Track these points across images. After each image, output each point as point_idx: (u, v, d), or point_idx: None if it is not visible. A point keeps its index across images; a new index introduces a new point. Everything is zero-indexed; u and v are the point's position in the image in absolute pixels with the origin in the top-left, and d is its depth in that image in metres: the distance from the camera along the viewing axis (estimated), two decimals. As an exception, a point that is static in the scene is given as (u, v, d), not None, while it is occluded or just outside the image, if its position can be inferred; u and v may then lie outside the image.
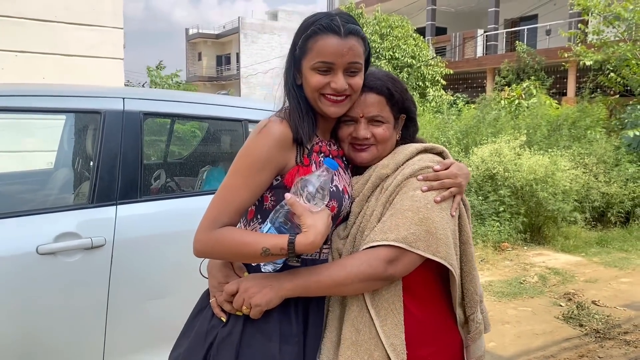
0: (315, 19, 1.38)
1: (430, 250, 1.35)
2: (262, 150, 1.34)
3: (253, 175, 1.34)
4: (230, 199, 1.35)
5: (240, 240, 1.30)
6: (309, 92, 1.39)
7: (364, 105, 1.45)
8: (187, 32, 44.03)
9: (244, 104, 2.84)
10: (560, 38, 18.50)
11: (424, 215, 1.36)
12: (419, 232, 1.34)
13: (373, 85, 1.46)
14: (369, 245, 1.35)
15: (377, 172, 1.47)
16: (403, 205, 1.37)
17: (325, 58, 1.34)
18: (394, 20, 17.33)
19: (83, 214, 2.28)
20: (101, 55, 4.83)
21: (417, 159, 1.46)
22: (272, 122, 1.37)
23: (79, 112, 2.53)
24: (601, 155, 8.11)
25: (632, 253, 6.76)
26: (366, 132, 1.46)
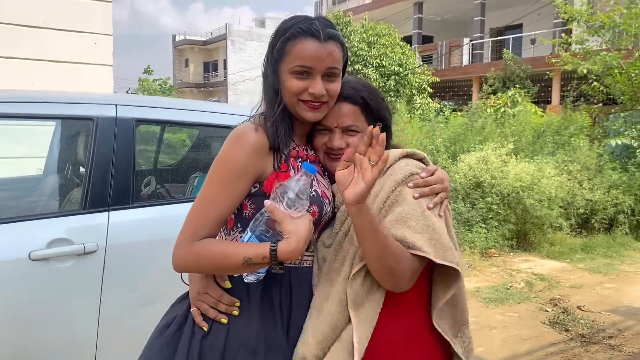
0: (294, 22, 1.36)
1: (438, 256, 1.33)
2: (238, 159, 1.31)
3: (230, 185, 1.31)
4: (209, 211, 1.31)
5: (221, 252, 1.27)
6: (286, 96, 1.36)
7: (338, 115, 1.44)
8: (174, 38, 43.93)
9: (236, 111, 2.86)
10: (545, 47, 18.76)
11: (424, 223, 1.35)
12: (423, 240, 1.33)
13: (348, 95, 1.45)
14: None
15: None
16: (406, 214, 1.36)
17: (304, 62, 1.32)
18: (382, 29, 17.47)
19: (75, 220, 2.28)
20: (90, 61, 4.83)
21: (404, 163, 1.44)
22: (247, 129, 1.34)
23: (72, 119, 2.53)
24: (585, 162, 8.24)
25: (616, 259, 6.88)
26: (340, 142, 1.45)
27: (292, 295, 1.39)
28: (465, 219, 7.07)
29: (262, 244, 1.25)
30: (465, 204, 7.20)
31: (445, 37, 23.92)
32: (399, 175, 1.41)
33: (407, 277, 1.32)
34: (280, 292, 1.38)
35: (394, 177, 1.41)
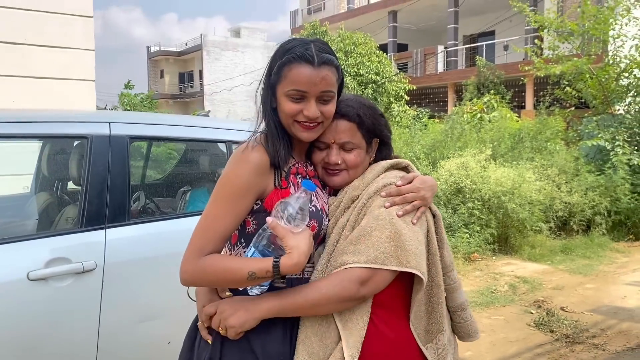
0: (291, 46, 1.41)
1: (400, 263, 1.38)
2: (242, 178, 1.37)
3: (235, 202, 1.37)
4: (214, 227, 1.37)
5: (227, 267, 1.33)
6: (282, 117, 1.43)
7: (335, 131, 1.50)
8: (149, 49, 43.64)
9: (228, 125, 2.89)
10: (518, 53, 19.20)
11: (391, 231, 1.40)
12: (389, 249, 1.38)
13: (344, 112, 1.50)
14: (343, 268, 1.38)
15: (349, 194, 1.51)
16: (370, 226, 1.41)
17: (299, 86, 1.38)
18: (358, 38, 17.65)
19: (73, 238, 2.28)
20: (72, 77, 4.80)
21: (381, 177, 1.51)
22: (249, 148, 1.40)
23: (66, 138, 2.54)
24: (562, 166, 8.44)
25: (595, 260, 7.05)
26: (337, 157, 1.51)
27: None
28: (447, 225, 7.18)
29: (265, 258, 1.31)
30: (447, 209, 7.31)
31: (420, 45, 24.25)
32: (372, 187, 1.48)
33: (356, 292, 1.38)
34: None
35: (368, 190, 1.48)
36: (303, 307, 1.38)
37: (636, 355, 4.00)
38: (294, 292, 1.38)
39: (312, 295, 1.37)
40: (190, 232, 2.62)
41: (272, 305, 1.36)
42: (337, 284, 1.36)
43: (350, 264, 1.37)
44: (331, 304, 1.37)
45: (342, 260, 1.39)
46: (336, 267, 1.40)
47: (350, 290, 1.36)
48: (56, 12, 4.65)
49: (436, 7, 22.47)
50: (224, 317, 1.37)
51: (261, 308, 1.36)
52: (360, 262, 1.37)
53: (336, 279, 1.37)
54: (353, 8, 27.29)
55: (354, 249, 1.39)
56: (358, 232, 1.41)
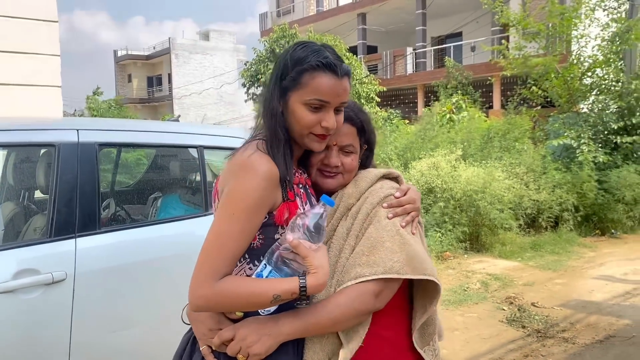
0: (309, 51, 1.36)
1: (416, 271, 1.40)
2: (255, 192, 1.27)
3: (250, 219, 1.28)
4: (229, 247, 1.27)
5: (249, 292, 1.25)
6: (296, 125, 1.36)
7: (338, 134, 1.48)
8: (116, 53, 42.90)
9: (199, 130, 2.87)
10: (485, 54, 19.51)
11: (400, 241, 1.41)
12: (402, 258, 1.39)
13: (348, 117, 1.50)
14: (359, 281, 1.37)
15: (345, 202, 1.50)
16: (380, 237, 1.42)
17: (323, 97, 1.33)
18: (328, 40, 17.70)
19: (41, 248, 2.23)
20: (38, 83, 4.70)
21: (379, 186, 1.52)
22: (258, 159, 1.29)
23: (33, 146, 2.48)
24: (530, 164, 8.62)
25: (563, 255, 7.22)
26: (337, 160, 1.50)
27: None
28: (419, 224, 7.24)
29: (289, 279, 1.26)
30: (420, 209, 7.38)
31: (389, 46, 24.46)
32: (375, 198, 1.48)
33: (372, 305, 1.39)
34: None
35: (370, 200, 1.48)
36: (325, 326, 1.35)
37: (604, 347, 4.11)
38: (315, 311, 1.34)
39: (333, 313, 1.34)
40: (163, 239, 2.61)
41: (296, 327, 1.32)
42: (355, 299, 1.35)
43: (367, 276, 1.36)
44: (351, 319, 1.37)
45: (356, 273, 1.38)
46: (350, 279, 1.38)
47: (367, 303, 1.37)
48: (20, 17, 4.54)
49: (404, 9, 22.70)
50: (247, 344, 1.29)
51: (285, 332, 1.31)
52: (378, 273, 1.36)
53: (353, 293, 1.36)
54: (322, 11, 27.36)
55: (368, 261, 1.38)
56: (369, 243, 1.41)
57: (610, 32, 10.05)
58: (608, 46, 9.94)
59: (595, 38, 10.29)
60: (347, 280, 1.38)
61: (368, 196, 1.50)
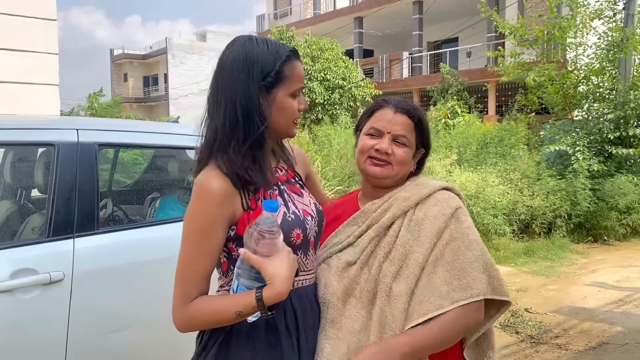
0: (271, 43, 1.37)
1: (497, 292, 1.41)
2: (204, 213, 1.29)
3: (205, 241, 1.30)
4: (192, 271, 1.30)
5: (214, 310, 1.27)
6: (283, 118, 1.37)
7: (394, 122, 1.49)
8: (112, 52, 42.81)
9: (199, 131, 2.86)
10: (480, 59, 19.64)
11: (484, 261, 1.42)
12: (486, 280, 1.40)
13: (407, 109, 1.52)
14: (457, 306, 1.37)
15: (399, 205, 1.48)
16: (467, 258, 1.41)
17: (302, 83, 1.39)
18: (324, 43, 17.71)
19: (39, 248, 2.22)
20: (35, 81, 4.69)
21: (446, 196, 1.50)
22: (208, 179, 1.30)
23: (33, 145, 2.47)
24: (524, 170, 8.67)
25: (556, 261, 7.26)
26: (388, 147, 1.48)
27: (297, 317, 1.40)
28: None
29: (249, 293, 1.24)
30: (414, 213, 7.40)
31: (386, 51, 24.53)
32: (447, 209, 1.47)
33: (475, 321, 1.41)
34: (285, 317, 1.37)
35: (441, 209, 1.46)
36: (434, 347, 1.37)
37: (597, 354, 4.14)
38: (423, 335, 1.35)
39: (439, 335, 1.36)
40: (162, 240, 2.60)
41: (406, 351, 1.33)
42: (458, 319, 1.37)
43: (463, 300, 1.37)
44: (458, 336, 1.40)
45: (452, 297, 1.37)
46: (449, 303, 1.37)
47: (470, 319, 1.39)
48: (18, 14, 4.53)
49: (401, 14, 22.78)
50: None
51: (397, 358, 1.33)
52: (473, 296, 1.37)
53: (455, 314, 1.37)
54: (319, 14, 27.42)
55: (460, 284, 1.39)
56: (460, 265, 1.40)
57: (606, 40, 10.13)
58: (604, 54, 10.01)
59: (592, 46, 10.37)
60: (447, 305, 1.37)
61: (435, 203, 1.47)
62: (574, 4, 10.14)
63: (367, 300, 1.42)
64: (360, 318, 1.41)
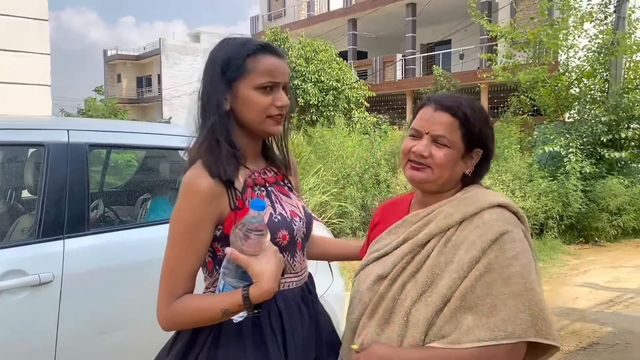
0: (243, 40, 1.37)
1: (540, 335, 1.23)
2: (191, 212, 1.30)
3: (191, 239, 1.30)
4: (178, 269, 1.31)
5: (199, 308, 1.28)
6: (251, 114, 1.35)
7: (432, 122, 1.34)
8: (106, 53, 42.67)
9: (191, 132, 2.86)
10: (473, 61, 19.72)
11: (527, 299, 1.23)
12: (527, 319, 1.22)
13: (448, 105, 1.35)
14: (477, 346, 1.21)
15: (439, 222, 1.33)
16: (502, 293, 1.23)
17: (273, 77, 1.34)
18: (318, 45, 17.73)
19: (29, 249, 2.21)
20: (27, 82, 4.67)
21: (494, 217, 1.30)
22: (194, 177, 1.31)
23: (23, 146, 2.46)
24: (516, 172, 8.71)
25: (548, 262, 7.29)
26: (425, 149, 1.34)
27: (282, 318, 1.39)
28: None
29: (235, 292, 1.24)
30: (407, 215, 7.42)
31: (379, 52, 24.57)
32: (489, 233, 1.27)
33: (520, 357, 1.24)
34: (270, 319, 1.37)
35: (482, 234, 1.28)
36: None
37: (588, 354, 4.16)
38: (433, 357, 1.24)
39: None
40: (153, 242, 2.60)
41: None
42: (480, 357, 1.21)
43: (486, 340, 1.20)
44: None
45: (475, 336, 1.21)
46: (469, 341, 1.21)
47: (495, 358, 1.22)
48: (10, 14, 4.51)
49: (395, 16, 22.84)
50: None
51: None
52: (498, 338, 1.20)
53: (477, 352, 1.21)
54: (313, 15, 27.45)
55: (488, 323, 1.21)
56: (490, 301, 1.22)
57: (597, 43, 10.19)
58: (595, 57, 10.07)
59: (583, 49, 10.43)
60: (465, 341, 1.22)
61: (479, 225, 1.29)
62: (565, 7, 10.20)
63: (384, 318, 1.33)
64: (377, 336, 1.33)
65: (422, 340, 1.26)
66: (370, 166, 8.69)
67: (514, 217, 1.32)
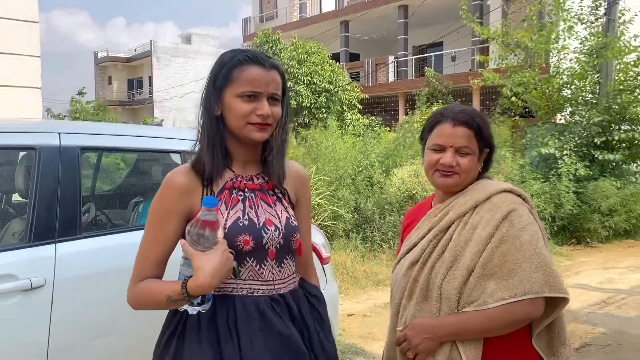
0: (237, 52, 1.45)
1: (553, 290, 1.48)
2: (161, 203, 1.43)
3: (158, 228, 1.42)
4: (146, 254, 1.44)
5: (151, 291, 1.39)
6: (233, 120, 1.42)
7: (454, 136, 1.59)
8: (96, 55, 42.44)
9: (182, 135, 2.85)
10: (465, 63, 19.80)
11: (538, 261, 1.48)
12: (540, 278, 1.47)
13: (464, 120, 1.60)
14: (501, 304, 1.46)
15: (456, 210, 1.60)
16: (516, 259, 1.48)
17: (253, 86, 1.40)
18: (311, 47, 17.73)
19: (20, 254, 2.18)
20: (17, 84, 4.63)
21: (502, 199, 1.57)
22: (173, 173, 1.45)
23: (13, 149, 2.43)
24: (508, 173, 8.74)
25: (540, 264, 7.31)
26: (452, 160, 1.59)
27: (237, 323, 1.40)
28: (399, 231, 7.28)
29: (179, 281, 1.33)
30: (400, 215, 7.43)
31: (371, 54, 24.61)
32: (498, 213, 1.54)
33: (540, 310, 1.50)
34: (228, 318, 1.41)
35: (494, 214, 1.54)
36: (476, 333, 1.50)
37: (580, 355, 4.18)
38: (468, 320, 1.49)
39: (485, 323, 1.48)
40: (145, 245, 2.56)
41: (450, 331, 1.50)
42: (504, 313, 1.47)
43: (507, 299, 1.46)
44: (502, 329, 1.50)
45: (498, 296, 1.47)
46: (493, 301, 1.47)
47: (520, 314, 1.47)
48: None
49: (387, 18, 22.89)
50: (413, 344, 1.53)
51: (441, 334, 1.51)
52: (517, 295, 1.45)
53: (501, 309, 1.47)
54: (305, 17, 27.44)
55: (507, 284, 1.47)
56: (507, 268, 1.48)
57: (588, 45, 10.25)
58: (585, 59, 10.13)
59: (574, 51, 10.49)
60: (490, 302, 1.48)
61: (491, 208, 1.56)
62: (556, 9, 10.26)
63: (421, 296, 1.58)
64: (418, 313, 1.57)
65: (456, 308, 1.52)
66: (364, 168, 8.69)
67: (518, 199, 1.59)
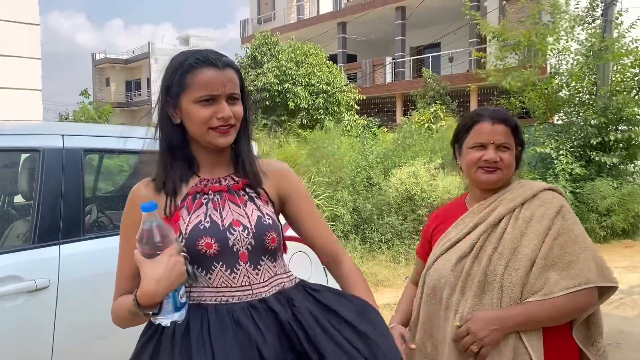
0: (187, 54, 1.38)
1: (606, 279, 1.60)
2: (127, 216, 1.40)
3: (127, 242, 1.38)
4: (120, 268, 1.42)
5: (118, 307, 1.36)
6: (194, 127, 1.35)
7: (494, 133, 1.68)
8: (94, 57, 42.46)
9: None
10: (462, 64, 19.85)
11: (591, 252, 1.60)
12: (595, 269, 1.58)
13: (504, 118, 1.71)
14: (564, 293, 1.55)
15: (506, 205, 1.68)
16: (574, 251, 1.59)
17: (209, 90, 1.33)
18: (308, 48, 17.76)
19: (24, 255, 2.21)
20: (17, 86, 4.64)
21: (550, 196, 1.68)
22: (136, 185, 1.43)
23: (17, 151, 2.45)
24: (507, 173, 8.76)
25: (538, 263, 7.34)
26: (495, 155, 1.67)
27: (210, 332, 1.31)
28: (398, 232, 7.34)
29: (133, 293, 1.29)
30: (398, 216, 7.46)
31: (369, 56, 24.66)
32: (551, 208, 1.65)
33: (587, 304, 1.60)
34: (202, 328, 1.32)
35: (546, 209, 1.64)
36: (544, 322, 1.57)
37: (579, 354, 4.19)
38: (535, 309, 1.55)
39: (552, 313, 1.56)
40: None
41: (519, 321, 1.55)
42: (570, 301, 1.55)
43: (571, 288, 1.55)
44: (569, 316, 1.59)
45: (561, 286, 1.55)
46: (558, 290, 1.55)
47: (582, 302, 1.57)
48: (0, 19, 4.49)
49: (384, 19, 22.94)
50: (479, 337, 1.54)
51: (509, 325, 1.55)
52: (581, 284, 1.55)
53: (567, 297, 1.55)
54: (303, 19, 27.49)
55: (570, 274, 1.56)
56: (567, 259, 1.58)
57: (585, 46, 10.28)
58: (584, 60, 10.15)
59: (572, 52, 10.52)
60: (556, 291, 1.56)
61: (541, 204, 1.65)
62: (556, 11, 10.29)
63: (479, 289, 1.60)
64: (476, 307, 1.60)
65: (519, 299, 1.57)
66: (362, 169, 8.71)
67: (561, 196, 1.70)
